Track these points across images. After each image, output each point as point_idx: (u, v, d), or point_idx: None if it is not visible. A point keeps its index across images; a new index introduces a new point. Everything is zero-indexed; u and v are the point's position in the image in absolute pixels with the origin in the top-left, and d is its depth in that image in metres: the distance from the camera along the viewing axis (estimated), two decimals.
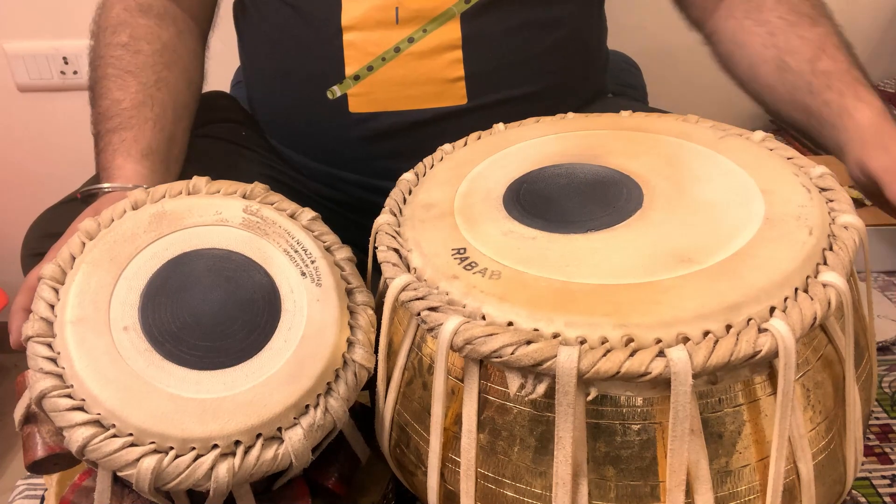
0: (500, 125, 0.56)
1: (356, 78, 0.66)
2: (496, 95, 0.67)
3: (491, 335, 0.36)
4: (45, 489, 0.53)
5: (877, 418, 0.65)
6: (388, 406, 0.44)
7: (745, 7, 0.66)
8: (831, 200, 0.43)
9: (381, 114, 0.67)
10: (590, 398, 0.35)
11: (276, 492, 0.44)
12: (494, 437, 0.38)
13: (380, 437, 0.46)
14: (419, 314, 0.39)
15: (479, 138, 0.55)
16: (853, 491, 0.58)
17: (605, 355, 0.34)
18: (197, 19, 0.71)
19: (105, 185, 0.57)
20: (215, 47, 0.74)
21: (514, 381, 0.36)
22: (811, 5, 0.63)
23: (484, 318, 0.37)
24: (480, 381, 0.38)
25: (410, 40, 0.64)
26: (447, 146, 0.54)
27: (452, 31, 0.65)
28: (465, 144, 0.55)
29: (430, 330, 0.38)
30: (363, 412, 0.48)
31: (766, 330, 0.34)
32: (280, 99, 0.73)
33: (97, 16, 0.67)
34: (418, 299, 0.39)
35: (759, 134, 0.49)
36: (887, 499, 0.57)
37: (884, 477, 0.59)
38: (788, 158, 0.47)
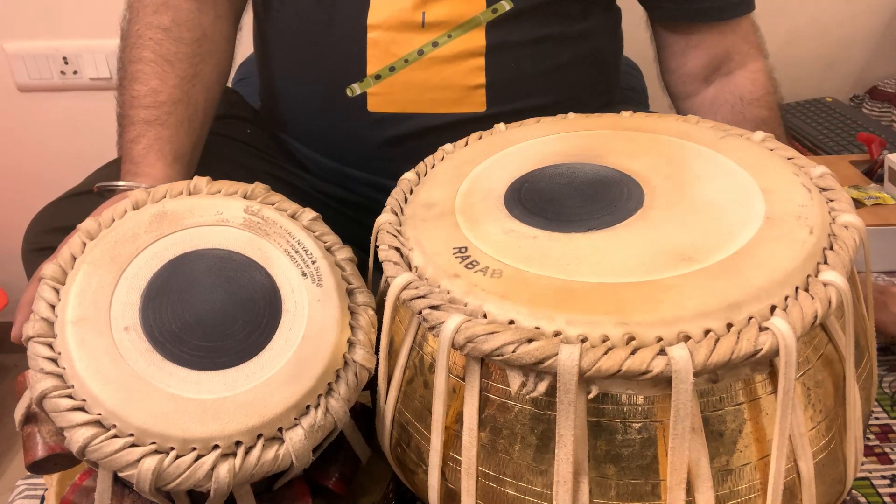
0: (501, 125, 0.56)
1: (377, 77, 0.65)
2: (514, 105, 0.67)
3: (492, 333, 0.36)
4: (45, 489, 0.53)
5: (877, 418, 0.65)
6: (389, 405, 0.44)
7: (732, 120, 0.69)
8: (832, 200, 0.43)
9: (399, 115, 0.67)
10: (591, 396, 0.35)
11: (276, 492, 0.44)
12: (495, 436, 0.38)
13: (381, 436, 0.46)
14: (420, 312, 0.39)
15: (480, 138, 0.55)
16: (853, 491, 0.58)
17: (606, 353, 0.34)
18: (233, 1, 0.71)
19: (124, 183, 0.57)
20: None
21: (515, 380, 0.36)
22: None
23: (485, 316, 0.37)
24: (481, 380, 0.38)
25: (435, 44, 0.64)
26: (448, 146, 0.54)
27: (477, 39, 0.65)
28: (466, 144, 0.55)
29: (432, 328, 0.38)
30: (364, 412, 0.48)
31: (766, 328, 0.34)
32: (297, 92, 0.72)
33: None
34: (419, 298, 0.39)
35: (760, 134, 0.49)
36: (887, 499, 0.57)
37: (884, 477, 0.59)
38: (789, 158, 0.47)
